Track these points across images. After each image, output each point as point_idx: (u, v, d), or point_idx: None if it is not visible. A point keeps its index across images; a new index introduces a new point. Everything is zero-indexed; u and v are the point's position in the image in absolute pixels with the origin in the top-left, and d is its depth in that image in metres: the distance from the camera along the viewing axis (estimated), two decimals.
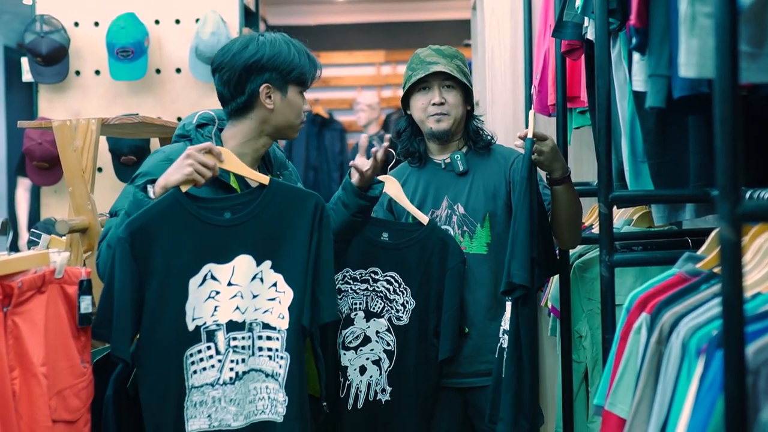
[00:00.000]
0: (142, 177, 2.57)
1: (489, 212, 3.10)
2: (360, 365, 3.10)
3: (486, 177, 3.14)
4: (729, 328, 1.35)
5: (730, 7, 1.32)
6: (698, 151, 2.43)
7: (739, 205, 1.33)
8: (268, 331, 2.50)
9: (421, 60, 3.15)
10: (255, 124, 2.68)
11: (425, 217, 3.08)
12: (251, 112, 2.68)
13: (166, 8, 5.54)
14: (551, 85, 3.60)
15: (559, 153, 2.85)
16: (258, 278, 2.52)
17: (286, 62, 2.66)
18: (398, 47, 10.72)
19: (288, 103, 2.69)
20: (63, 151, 3.05)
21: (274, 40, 2.68)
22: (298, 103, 2.72)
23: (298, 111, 2.73)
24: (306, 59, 2.72)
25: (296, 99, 2.71)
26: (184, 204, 2.43)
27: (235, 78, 2.64)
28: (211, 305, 2.46)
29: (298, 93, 2.71)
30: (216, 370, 2.45)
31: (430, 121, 3.13)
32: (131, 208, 2.45)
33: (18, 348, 2.09)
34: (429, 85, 3.13)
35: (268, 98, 2.66)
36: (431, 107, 3.12)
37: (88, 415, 2.34)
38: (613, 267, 2.36)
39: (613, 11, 2.30)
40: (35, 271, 2.19)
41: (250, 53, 2.64)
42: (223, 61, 2.66)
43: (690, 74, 1.72)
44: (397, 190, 3.09)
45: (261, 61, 2.63)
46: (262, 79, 2.64)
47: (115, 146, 5.25)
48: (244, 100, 2.66)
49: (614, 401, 1.93)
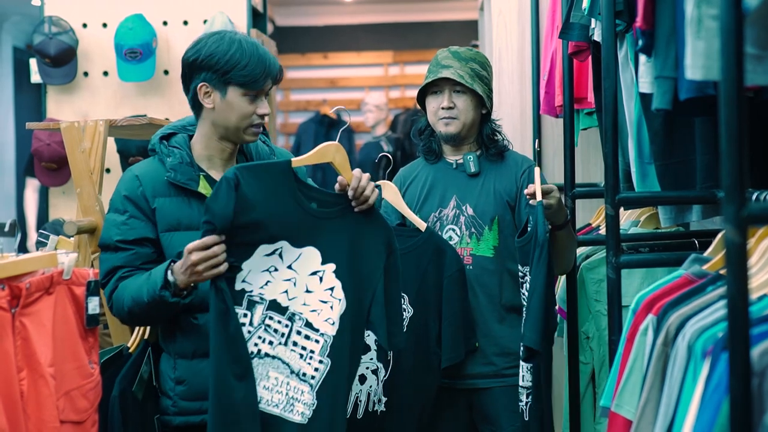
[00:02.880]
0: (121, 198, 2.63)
1: (498, 216, 3.09)
2: (360, 374, 3.00)
3: (497, 181, 3.13)
4: (734, 330, 1.35)
5: (736, 9, 1.33)
6: (705, 153, 2.42)
7: (744, 207, 1.33)
8: (309, 331, 2.50)
9: (437, 62, 3.15)
10: (209, 125, 2.67)
11: (423, 223, 3.05)
12: (202, 111, 2.67)
13: (174, 9, 5.55)
14: (558, 87, 3.60)
15: (562, 201, 2.93)
16: (318, 276, 2.52)
17: (223, 62, 2.59)
18: (406, 48, 10.72)
19: (227, 104, 2.62)
20: (71, 153, 3.06)
21: (221, 39, 2.62)
22: (240, 105, 2.62)
23: (241, 113, 2.63)
24: (253, 60, 2.61)
25: (237, 101, 2.62)
26: (291, 178, 2.49)
27: (183, 75, 2.67)
28: (264, 278, 2.47)
29: (241, 95, 2.61)
30: None
31: (440, 124, 3.14)
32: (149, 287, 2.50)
33: (26, 349, 2.09)
34: (440, 88, 3.14)
35: (207, 97, 2.63)
36: (441, 111, 3.13)
37: (95, 415, 2.35)
38: (619, 268, 2.36)
39: (620, 13, 2.31)
40: (43, 272, 2.19)
41: (192, 51, 2.64)
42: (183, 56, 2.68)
43: (696, 76, 1.72)
44: (395, 196, 3.07)
45: (197, 59, 2.61)
46: (199, 77, 2.62)
47: (123, 147, 5.25)
48: (190, 98, 2.67)
49: (620, 403, 1.93)
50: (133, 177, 2.64)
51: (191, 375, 2.60)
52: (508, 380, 3.04)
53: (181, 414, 2.61)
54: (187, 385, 2.60)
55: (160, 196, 2.61)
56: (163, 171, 2.63)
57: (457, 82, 3.10)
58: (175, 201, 2.60)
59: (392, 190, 3.08)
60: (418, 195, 3.16)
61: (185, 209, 2.61)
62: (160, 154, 2.66)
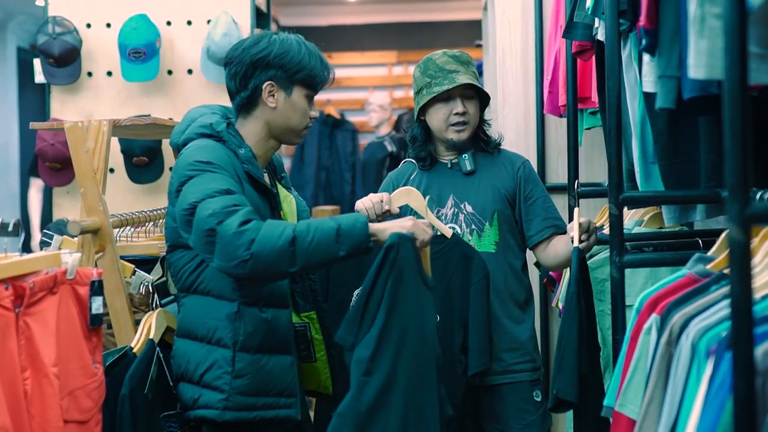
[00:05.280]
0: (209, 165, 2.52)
1: (498, 211, 3.09)
2: None
3: (494, 177, 3.13)
4: (738, 330, 1.35)
5: (740, 8, 1.32)
6: (709, 152, 2.42)
7: (748, 206, 1.33)
8: None
9: (440, 68, 3.10)
10: (262, 124, 2.67)
11: (449, 230, 3.02)
12: (256, 110, 2.67)
13: (177, 9, 5.55)
14: (562, 86, 3.59)
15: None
16: None
17: (294, 62, 2.63)
18: (410, 48, 10.71)
19: (291, 104, 2.66)
20: (75, 152, 3.06)
21: (287, 39, 2.66)
22: (303, 105, 2.68)
23: (302, 114, 2.68)
24: (317, 62, 2.68)
25: (301, 101, 2.67)
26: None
27: (241, 72, 2.64)
28: None
29: (303, 96, 2.67)
30: None
31: (450, 131, 3.11)
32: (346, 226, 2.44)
33: (30, 348, 2.10)
34: (451, 94, 3.09)
35: (271, 96, 2.64)
36: (453, 117, 3.09)
37: (99, 415, 2.35)
38: (623, 268, 2.36)
39: (624, 12, 2.30)
40: (47, 271, 2.19)
41: (259, 49, 2.63)
42: (233, 55, 2.66)
43: (699, 75, 1.72)
44: (419, 202, 2.98)
45: (268, 57, 2.62)
46: (266, 75, 2.63)
47: (127, 147, 5.26)
48: (247, 96, 2.65)
49: (624, 402, 1.93)
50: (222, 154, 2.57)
51: (254, 370, 2.56)
52: (517, 376, 3.05)
53: (235, 409, 2.55)
54: (249, 380, 2.55)
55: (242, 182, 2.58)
56: (235, 158, 2.60)
57: (466, 87, 3.09)
58: (251, 191, 2.59)
59: (417, 196, 2.99)
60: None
61: (260, 202, 2.62)
62: (229, 143, 2.63)
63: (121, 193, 5.35)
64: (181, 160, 2.60)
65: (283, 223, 2.45)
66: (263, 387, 2.56)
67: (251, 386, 2.55)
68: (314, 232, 2.40)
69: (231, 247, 2.38)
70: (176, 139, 2.71)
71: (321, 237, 2.40)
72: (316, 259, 2.41)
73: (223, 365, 2.55)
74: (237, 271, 2.40)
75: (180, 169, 2.57)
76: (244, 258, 2.37)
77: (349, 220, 2.44)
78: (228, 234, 2.38)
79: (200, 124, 2.67)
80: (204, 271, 2.60)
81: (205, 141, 2.62)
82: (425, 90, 3.11)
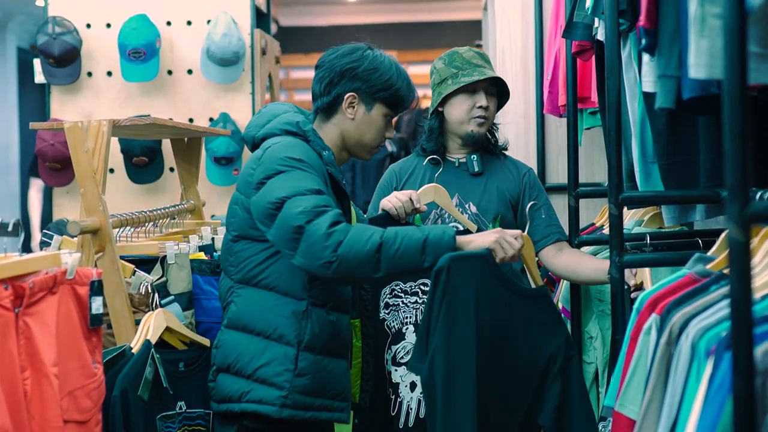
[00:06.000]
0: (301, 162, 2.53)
1: (501, 214, 3.10)
2: (410, 381, 2.99)
3: (500, 181, 3.15)
4: (737, 330, 1.35)
5: (739, 7, 1.32)
6: (709, 152, 2.42)
7: (747, 205, 1.33)
8: None
9: (467, 60, 3.13)
10: (337, 132, 2.71)
11: (473, 225, 3.01)
12: (334, 117, 2.70)
13: (177, 10, 5.55)
14: (562, 86, 3.60)
15: None
16: None
17: (381, 80, 2.68)
18: (410, 48, 10.72)
19: (369, 119, 2.69)
20: (74, 153, 3.05)
21: (380, 56, 2.73)
22: (380, 123, 2.71)
23: (377, 131, 2.71)
24: (404, 85, 2.73)
25: (379, 119, 2.70)
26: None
27: (328, 78, 2.69)
28: None
29: (382, 114, 2.70)
30: None
31: (472, 123, 3.12)
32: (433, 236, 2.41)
33: (29, 348, 2.09)
34: (476, 87, 3.12)
35: (351, 107, 2.68)
36: (477, 110, 3.11)
37: (99, 415, 2.34)
38: (623, 268, 2.36)
39: (623, 12, 2.30)
40: (47, 272, 2.19)
41: (351, 59, 2.69)
42: (326, 60, 2.72)
43: (699, 75, 1.72)
44: (445, 198, 2.99)
45: (357, 69, 2.67)
46: (351, 86, 2.67)
47: (127, 147, 5.26)
48: (329, 101, 2.69)
49: (624, 402, 1.93)
50: (313, 154, 2.60)
51: (315, 370, 2.57)
52: None
53: (293, 407, 2.55)
54: (309, 379, 2.56)
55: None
56: (319, 159, 2.62)
57: (491, 83, 3.12)
58: (331, 193, 2.60)
59: (443, 194, 2.99)
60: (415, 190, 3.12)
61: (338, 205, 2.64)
62: (314, 144, 2.65)
63: (121, 193, 5.35)
64: (269, 154, 2.58)
65: (371, 228, 2.44)
66: (321, 388, 2.57)
67: (311, 386, 2.56)
68: (401, 240, 2.41)
69: (318, 247, 2.39)
70: (254, 133, 2.72)
71: (407, 246, 2.40)
72: (400, 267, 2.42)
73: (284, 362, 2.55)
74: (320, 271, 2.41)
75: (268, 162, 2.56)
76: (331, 259, 2.38)
77: (437, 232, 2.44)
78: (317, 234, 2.39)
79: (285, 121, 2.68)
80: (271, 266, 2.59)
81: (292, 138, 2.63)
82: (451, 80, 3.12)
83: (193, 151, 4.04)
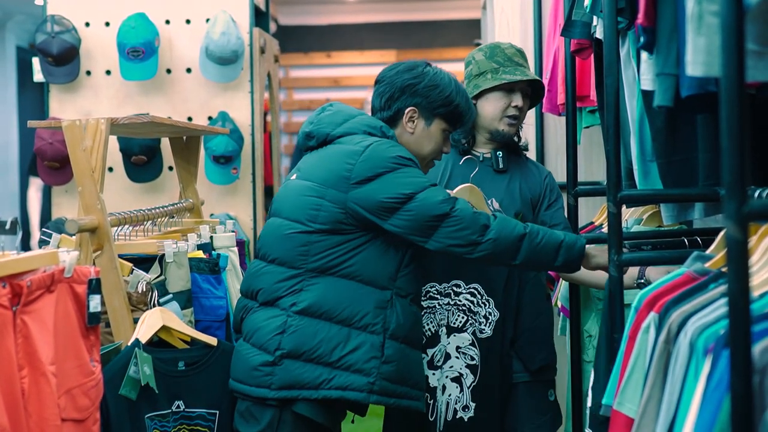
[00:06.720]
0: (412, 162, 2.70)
1: (522, 212, 3.10)
2: (442, 384, 3.02)
3: (523, 180, 3.16)
4: (735, 328, 1.35)
5: (737, 5, 1.32)
6: (707, 150, 2.42)
7: (745, 203, 1.33)
8: None
9: (509, 57, 3.12)
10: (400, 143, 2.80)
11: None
12: (395, 129, 2.80)
13: (176, 8, 5.55)
14: (561, 85, 3.59)
15: None
16: None
17: (441, 96, 2.78)
18: (409, 47, 10.71)
19: (428, 133, 2.81)
20: (72, 151, 3.05)
21: (440, 73, 2.82)
22: (438, 138, 2.83)
23: (435, 145, 2.83)
24: (464, 102, 2.82)
25: (437, 134, 2.82)
26: None
27: (388, 93, 2.79)
28: None
29: (441, 129, 2.81)
30: None
31: (504, 122, 3.12)
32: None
33: (27, 347, 2.09)
34: (514, 87, 3.11)
35: (411, 122, 2.79)
36: (511, 109, 3.11)
37: (97, 413, 2.34)
38: (621, 266, 2.35)
39: (622, 10, 2.30)
40: (44, 270, 2.19)
41: (412, 75, 2.79)
42: (386, 75, 2.83)
43: (697, 73, 1.72)
44: (479, 200, 2.96)
45: (417, 86, 2.77)
46: (411, 101, 2.77)
47: (126, 146, 5.26)
48: (389, 116, 2.79)
49: (622, 400, 1.93)
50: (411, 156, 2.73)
51: (400, 358, 2.65)
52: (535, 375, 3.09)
53: (380, 393, 2.61)
54: (395, 366, 2.63)
55: None
56: None
57: (528, 84, 3.13)
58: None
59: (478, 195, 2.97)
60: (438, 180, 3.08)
61: None
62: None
63: (120, 192, 5.35)
64: (373, 153, 2.67)
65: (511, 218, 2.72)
66: (404, 376, 2.65)
67: (395, 373, 2.63)
68: (543, 235, 2.65)
69: (468, 230, 2.61)
70: (329, 130, 2.78)
71: (548, 242, 2.64)
72: (535, 259, 2.65)
73: (371, 350, 2.62)
74: (462, 251, 2.62)
75: (375, 160, 2.65)
76: (478, 241, 2.61)
77: (573, 237, 2.71)
78: (467, 217, 2.62)
79: (366, 123, 2.77)
80: (357, 255, 2.67)
81: (387, 140, 2.74)
82: (491, 74, 3.10)
83: (191, 149, 4.04)
